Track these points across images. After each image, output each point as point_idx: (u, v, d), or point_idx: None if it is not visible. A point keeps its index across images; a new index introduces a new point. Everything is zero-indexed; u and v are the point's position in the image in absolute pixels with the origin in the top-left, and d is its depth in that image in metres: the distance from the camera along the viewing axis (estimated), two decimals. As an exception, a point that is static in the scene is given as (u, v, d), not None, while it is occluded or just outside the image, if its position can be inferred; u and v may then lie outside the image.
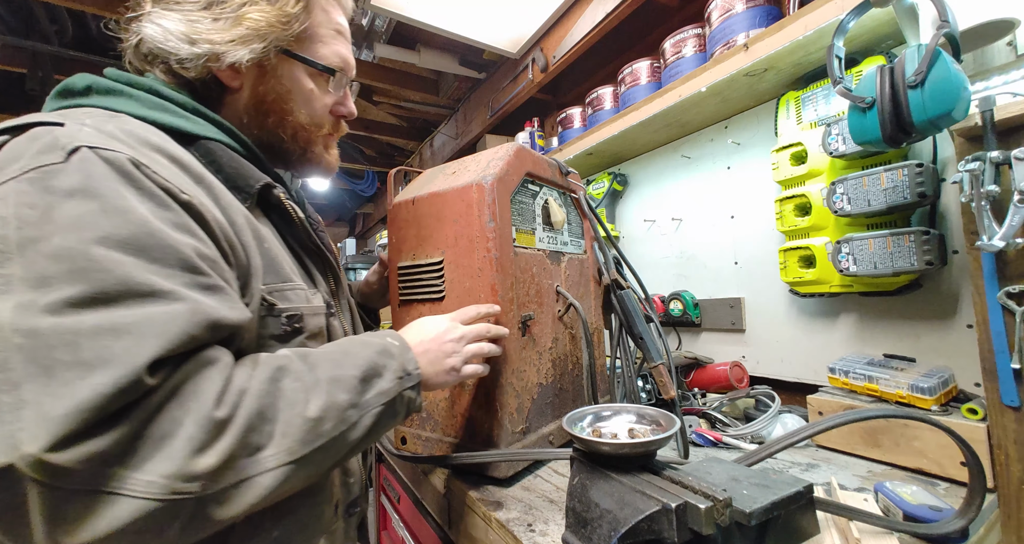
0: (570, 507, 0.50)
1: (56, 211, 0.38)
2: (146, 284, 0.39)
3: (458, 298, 0.78)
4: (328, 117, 0.67)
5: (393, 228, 0.89)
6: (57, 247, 0.37)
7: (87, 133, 0.43)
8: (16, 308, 0.35)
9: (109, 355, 0.36)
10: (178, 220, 0.44)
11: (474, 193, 0.75)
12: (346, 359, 0.52)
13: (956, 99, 0.61)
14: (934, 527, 0.55)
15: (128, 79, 0.54)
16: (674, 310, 1.34)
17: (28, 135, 0.42)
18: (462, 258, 0.77)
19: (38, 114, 0.46)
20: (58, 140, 0.41)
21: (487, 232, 0.74)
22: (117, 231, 0.39)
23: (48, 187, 0.39)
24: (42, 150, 0.40)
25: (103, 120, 0.46)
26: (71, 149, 0.41)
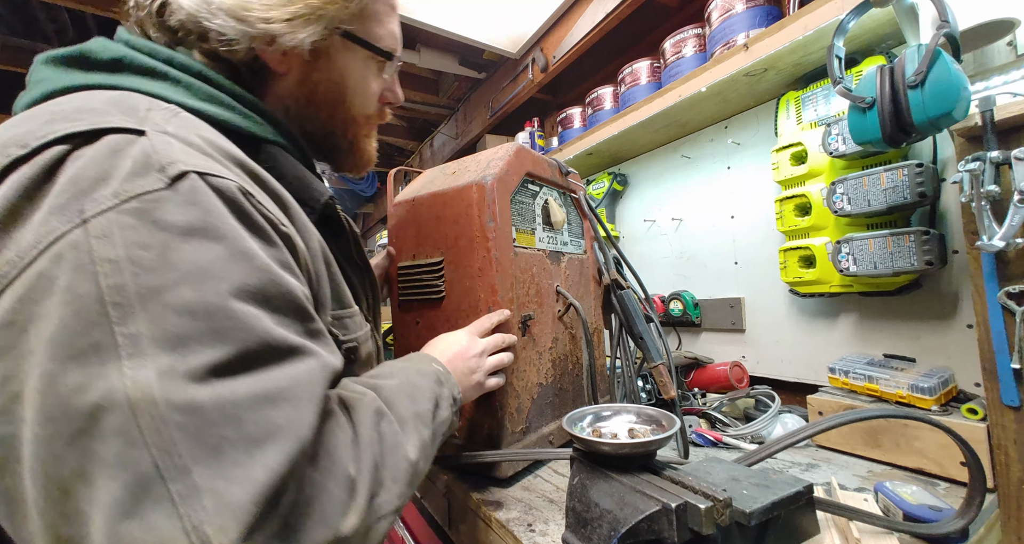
0: (570, 507, 0.50)
1: (176, 254, 0.32)
2: (283, 341, 0.35)
3: (458, 298, 0.78)
4: (377, 105, 0.60)
5: (393, 228, 0.89)
6: (190, 300, 0.32)
7: (180, 149, 0.36)
8: (162, 377, 0.30)
9: (273, 427, 0.32)
10: (283, 258, 0.39)
11: (474, 193, 0.75)
12: (417, 393, 0.51)
13: (956, 99, 0.61)
14: (934, 527, 0.55)
15: (166, 56, 0.45)
16: (674, 310, 1.34)
17: (106, 146, 0.34)
18: (462, 258, 0.77)
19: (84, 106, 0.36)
20: (151, 158, 0.34)
21: (487, 232, 0.74)
22: (248, 280, 0.34)
23: (158, 222, 0.32)
24: (136, 171, 0.33)
25: (175, 122, 0.39)
26: (175, 174, 0.34)
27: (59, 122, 0.34)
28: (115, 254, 0.31)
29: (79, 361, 0.29)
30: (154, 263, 0.32)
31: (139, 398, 0.29)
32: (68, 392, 0.28)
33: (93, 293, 0.30)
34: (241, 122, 0.46)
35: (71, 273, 0.30)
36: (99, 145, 0.34)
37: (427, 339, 0.82)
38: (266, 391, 0.33)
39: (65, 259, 0.30)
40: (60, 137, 0.33)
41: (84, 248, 0.30)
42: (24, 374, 0.29)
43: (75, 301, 0.30)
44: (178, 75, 0.44)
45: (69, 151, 0.33)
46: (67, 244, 0.30)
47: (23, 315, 0.30)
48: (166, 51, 0.45)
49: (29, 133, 0.33)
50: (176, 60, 0.45)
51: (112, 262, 0.31)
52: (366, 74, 0.57)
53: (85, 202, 0.31)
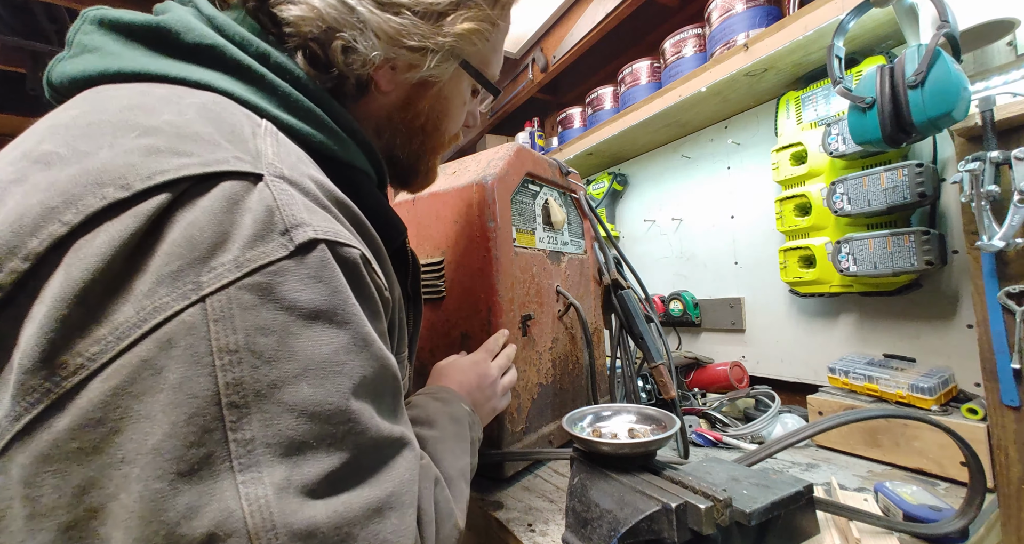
0: (570, 507, 0.50)
1: (297, 342, 0.28)
2: (388, 435, 0.32)
3: (458, 298, 0.78)
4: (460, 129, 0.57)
5: None
6: (309, 400, 0.27)
7: (302, 203, 0.30)
8: (280, 494, 0.25)
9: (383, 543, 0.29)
10: (382, 329, 0.36)
11: (474, 193, 0.75)
12: (458, 445, 0.49)
13: (956, 99, 0.61)
14: (934, 527, 0.55)
15: (261, 51, 0.36)
16: (674, 310, 1.34)
17: (223, 197, 0.27)
18: (462, 258, 0.77)
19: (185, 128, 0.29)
20: (274, 216, 0.28)
21: (487, 232, 0.74)
22: (366, 373, 0.31)
23: (280, 301, 0.27)
24: (258, 234, 0.28)
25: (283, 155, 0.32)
26: (303, 242, 0.29)
27: (165, 156, 0.27)
28: (235, 342, 0.26)
29: (190, 479, 0.24)
30: (274, 352, 0.27)
31: (258, 523, 0.25)
32: (177, 518, 0.24)
33: (211, 393, 0.25)
34: (338, 150, 0.40)
35: (185, 365, 0.25)
36: (215, 195, 0.27)
37: (426, 338, 0.83)
38: (377, 501, 0.30)
39: (177, 346, 0.25)
40: (168, 182, 0.27)
41: (202, 333, 0.25)
42: (114, 487, 0.24)
43: (189, 403, 0.24)
44: (274, 80, 0.36)
45: (177, 197, 0.27)
46: (180, 326, 0.25)
47: (117, 413, 0.24)
48: (259, 44, 0.37)
49: (130, 169, 0.26)
50: (273, 59, 0.37)
51: (232, 353, 0.26)
52: (466, 100, 0.53)
53: (202, 271, 0.26)
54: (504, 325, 0.74)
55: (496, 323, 0.73)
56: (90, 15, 0.35)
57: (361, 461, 0.30)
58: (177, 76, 0.33)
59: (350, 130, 0.42)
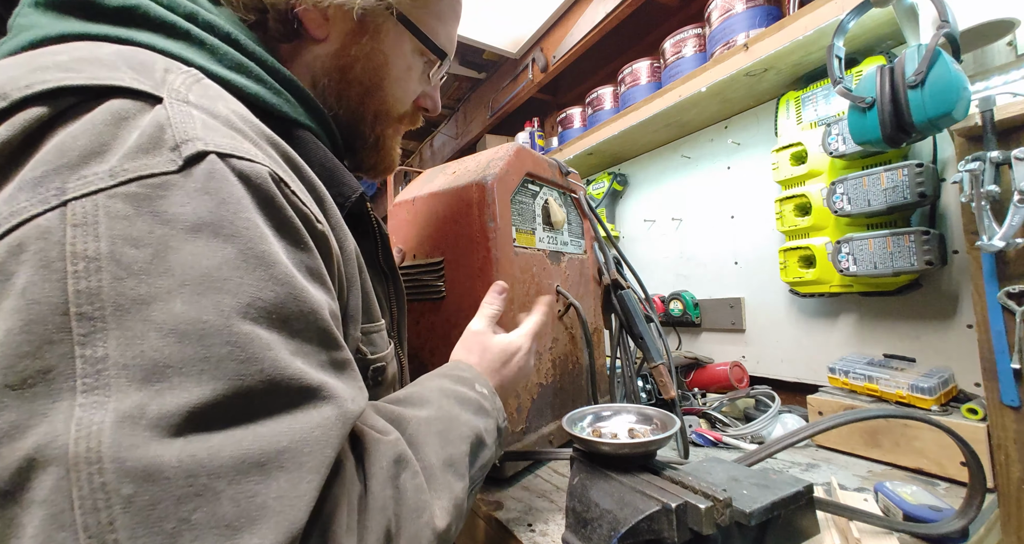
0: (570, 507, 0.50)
1: (175, 255, 0.25)
2: (296, 378, 0.27)
3: (458, 298, 0.78)
4: (412, 106, 0.55)
5: (394, 228, 0.89)
6: (181, 317, 0.24)
7: (202, 124, 0.28)
8: (119, 424, 0.21)
9: (257, 509, 0.23)
10: (313, 265, 0.32)
11: (474, 193, 0.75)
12: (452, 430, 0.41)
13: (956, 99, 0.61)
14: (934, 527, 0.55)
15: (189, 10, 0.36)
16: (674, 310, 1.34)
17: (109, 111, 0.26)
18: (462, 258, 0.77)
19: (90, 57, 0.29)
20: (164, 132, 0.27)
21: (487, 232, 0.74)
22: (262, 294, 0.27)
23: (160, 214, 0.25)
24: (143, 146, 0.26)
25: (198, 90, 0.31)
26: (191, 154, 0.27)
27: (51, 71, 0.27)
28: (95, 249, 0.23)
29: (21, 393, 0.21)
30: (145, 265, 0.24)
31: (80, 453, 0.21)
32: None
33: (56, 299, 0.22)
34: (272, 99, 0.39)
35: (32, 270, 0.22)
36: (101, 108, 0.26)
37: (427, 339, 0.83)
38: (259, 453, 0.24)
39: (28, 250, 0.23)
40: (50, 90, 0.26)
41: (56, 237, 0.23)
42: None
43: (30, 309, 0.22)
44: (201, 34, 0.36)
45: (60, 112, 0.26)
46: (33, 230, 0.23)
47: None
48: (188, 4, 0.37)
49: (9, 81, 0.26)
50: (201, 17, 0.37)
51: (90, 260, 0.23)
52: (411, 66, 0.51)
53: (69, 178, 0.24)
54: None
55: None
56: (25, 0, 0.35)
57: (247, 399, 0.25)
58: (100, 34, 0.33)
59: (289, 85, 0.41)
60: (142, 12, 0.34)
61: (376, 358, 0.44)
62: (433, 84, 0.55)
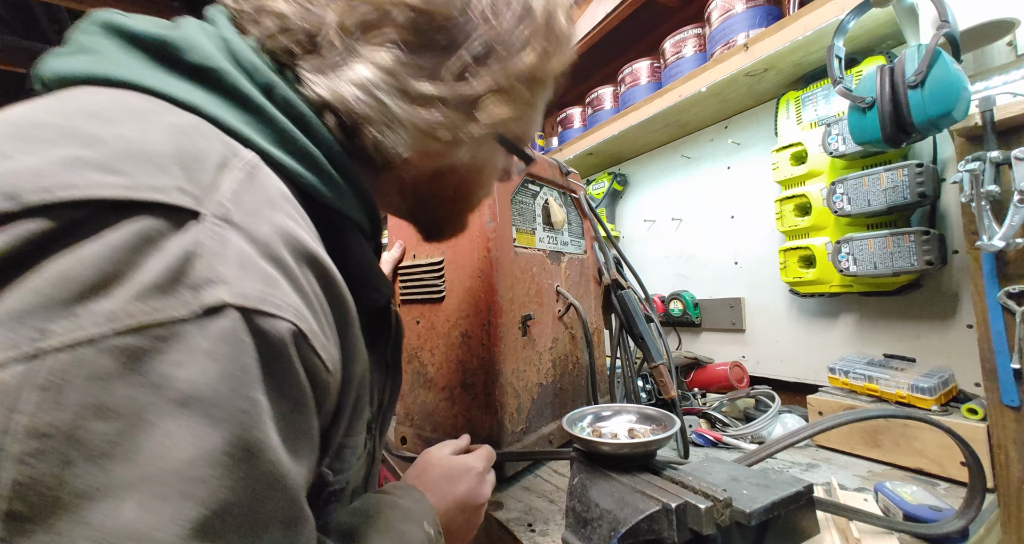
0: (570, 507, 0.50)
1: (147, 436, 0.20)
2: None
3: (458, 298, 0.78)
4: None
5: (393, 227, 0.89)
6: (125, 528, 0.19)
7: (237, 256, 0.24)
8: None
9: None
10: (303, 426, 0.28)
11: None
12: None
13: (956, 99, 0.61)
14: (934, 527, 0.55)
15: (267, 82, 0.33)
16: (674, 310, 1.34)
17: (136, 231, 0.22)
18: (462, 258, 0.77)
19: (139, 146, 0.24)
20: (191, 265, 0.23)
21: (487, 232, 0.74)
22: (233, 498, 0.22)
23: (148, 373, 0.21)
24: (161, 282, 0.22)
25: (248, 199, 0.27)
26: (212, 305, 0.23)
27: (87, 171, 0.22)
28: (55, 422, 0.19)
29: None
30: (106, 445, 0.19)
31: None
32: None
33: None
34: (330, 197, 0.36)
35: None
36: (127, 227, 0.22)
37: (426, 338, 0.83)
38: None
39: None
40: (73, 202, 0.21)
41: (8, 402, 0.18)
42: None
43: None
44: (273, 114, 0.33)
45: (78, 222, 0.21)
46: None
47: None
48: (268, 75, 0.33)
49: (32, 178, 0.21)
50: (277, 93, 0.33)
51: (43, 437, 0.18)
52: (499, 168, 0.50)
53: (56, 317, 0.19)
54: (504, 325, 0.74)
55: (496, 323, 0.73)
56: (97, 17, 0.32)
57: None
58: (165, 92, 0.29)
59: (349, 178, 0.37)
60: (218, 77, 0.31)
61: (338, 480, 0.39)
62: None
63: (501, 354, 0.73)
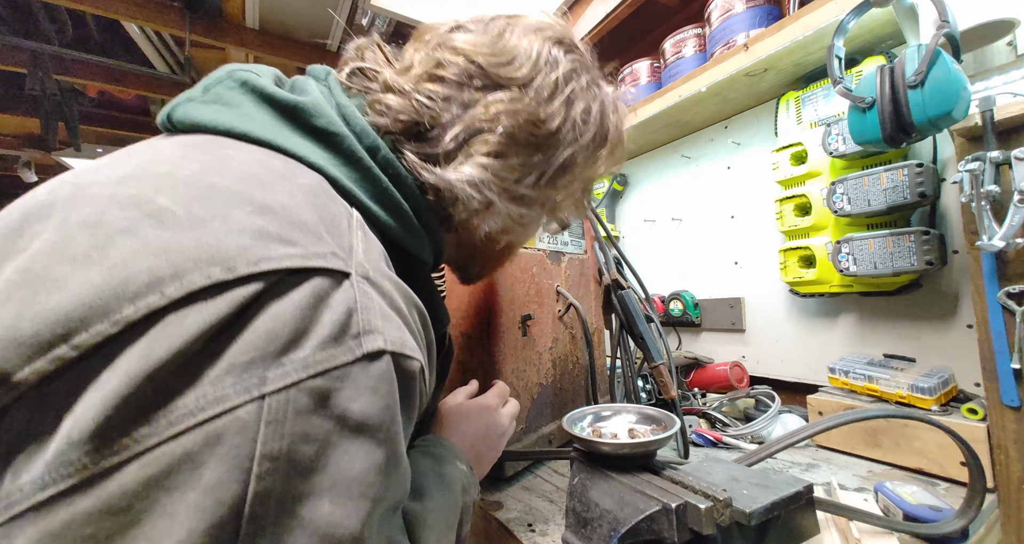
0: (570, 507, 0.50)
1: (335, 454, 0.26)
2: None
3: (458, 298, 0.78)
4: None
5: None
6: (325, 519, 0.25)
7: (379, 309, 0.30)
8: None
9: None
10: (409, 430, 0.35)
11: None
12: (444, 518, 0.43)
13: (956, 99, 0.61)
14: (934, 527, 0.55)
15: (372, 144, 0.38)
16: (674, 310, 1.34)
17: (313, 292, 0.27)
18: None
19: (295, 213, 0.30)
20: (351, 319, 0.28)
21: None
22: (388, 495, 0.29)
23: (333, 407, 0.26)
24: (335, 334, 0.27)
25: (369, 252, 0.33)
26: (372, 351, 0.28)
27: (274, 243, 0.27)
28: (279, 449, 0.24)
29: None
30: (310, 463, 0.25)
31: None
32: None
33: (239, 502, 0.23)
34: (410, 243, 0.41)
35: (224, 467, 0.23)
36: (305, 288, 0.27)
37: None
38: None
39: (224, 444, 0.23)
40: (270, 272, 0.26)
41: (251, 434, 0.23)
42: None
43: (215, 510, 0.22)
44: (377, 175, 0.38)
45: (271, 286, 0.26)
46: (234, 423, 0.23)
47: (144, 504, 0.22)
48: (374, 137, 0.39)
49: (240, 251, 0.26)
50: (381, 154, 0.39)
51: (273, 460, 0.24)
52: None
53: (271, 366, 0.25)
54: (504, 325, 0.74)
55: (496, 323, 0.73)
56: (236, 75, 0.37)
57: None
58: (297, 154, 0.35)
59: (428, 229, 0.43)
60: (339, 141, 0.37)
61: None
62: None
63: (501, 354, 0.73)
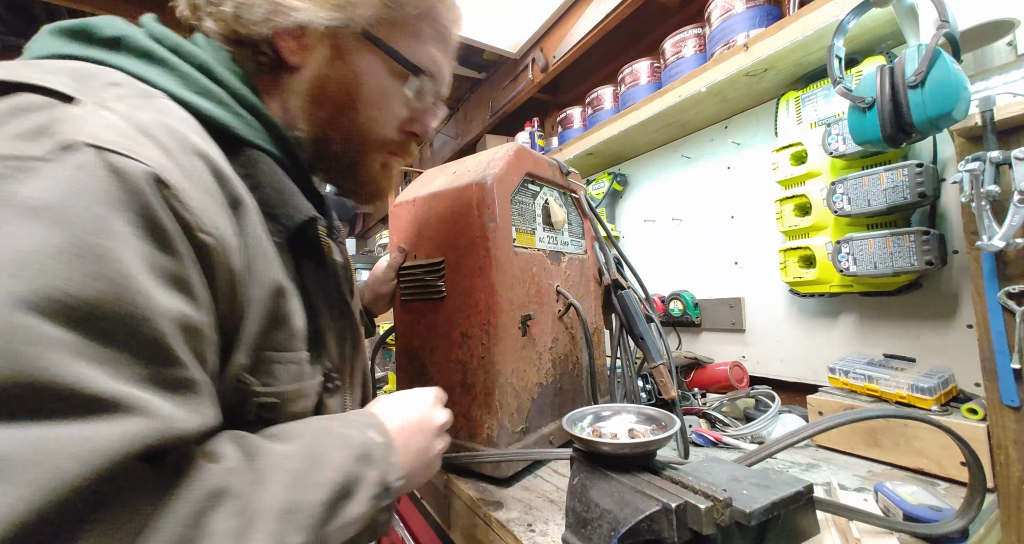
0: (570, 507, 0.50)
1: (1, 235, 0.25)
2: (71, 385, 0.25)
3: (459, 297, 0.78)
4: (396, 132, 0.53)
5: (394, 229, 0.89)
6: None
7: (106, 122, 0.30)
8: None
9: None
10: (175, 270, 0.31)
11: (474, 193, 0.76)
12: (312, 471, 0.36)
13: (956, 99, 0.61)
14: (934, 527, 0.55)
15: (175, 43, 0.41)
16: (674, 310, 1.34)
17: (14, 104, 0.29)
18: (462, 258, 0.77)
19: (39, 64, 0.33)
20: (54, 126, 0.28)
21: (487, 232, 0.74)
22: (70, 288, 0.25)
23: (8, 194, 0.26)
24: (25, 133, 0.28)
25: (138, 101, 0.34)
26: (67, 144, 0.28)
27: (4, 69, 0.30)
28: None
29: None
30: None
31: None
32: None
33: None
34: (230, 120, 0.42)
35: None
36: (9, 99, 0.29)
37: (426, 337, 0.83)
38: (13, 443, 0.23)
39: None
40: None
41: None
42: None
43: None
44: (176, 62, 0.40)
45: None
46: None
47: None
48: (176, 39, 0.42)
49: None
50: (183, 49, 0.41)
51: None
52: (386, 88, 0.50)
53: None
54: (504, 325, 0.74)
55: (496, 323, 0.73)
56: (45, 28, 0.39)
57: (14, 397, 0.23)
58: (88, 56, 0.37)
59: (253, 110, 0.44)
60: (127, 41, 0.39)
61: (266, 392, 0.39)
62: (422, 108, 0.54)
63: (501, 354, 0.73)
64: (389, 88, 0.51)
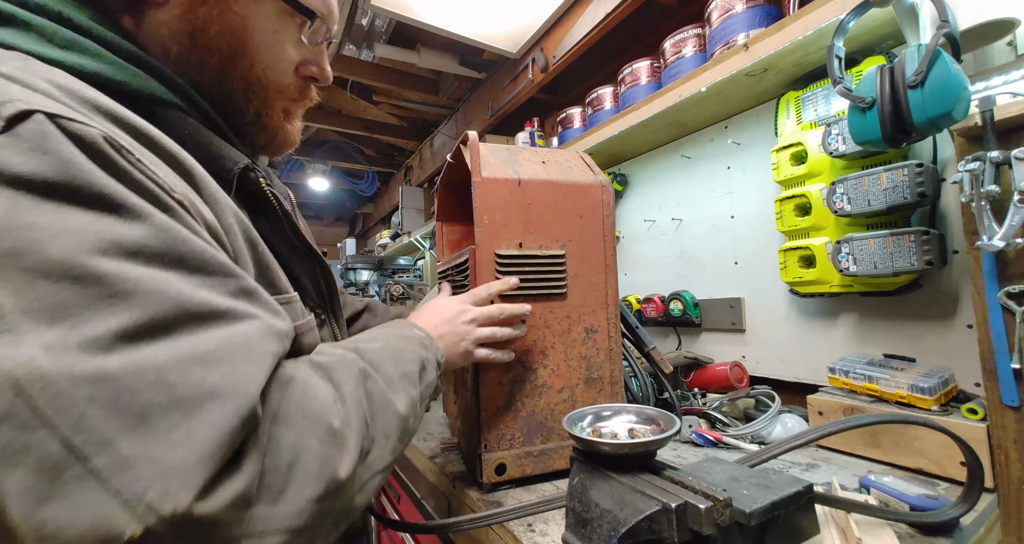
0: (570, 507, 0.50)
1: (31, 213, 0.27)
2: (205, 305, 0.31)
3: (582, 294, 0.79)
4: (293, 77, 0.51)
5: (485, 207, 0.74)
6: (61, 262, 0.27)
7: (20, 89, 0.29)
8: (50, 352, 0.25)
9: (210, 388, 0.29)
10: (185, 223, 0.33)
11: (601, 193, 0.81)
12: (401, 355, 0.50)
13: (956, 99, 0.61)
14: (931, 515, 0.55)
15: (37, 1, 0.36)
16: (674, 310, 1.34)
17: None
18: (587, 253, 0.80)
19: None
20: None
21: (610, 232, 0.80)
22: (144, 241, 0.29)
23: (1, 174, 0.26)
24: None
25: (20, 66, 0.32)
26: (14, 113, 0.27)
27: None
28: None
29: None
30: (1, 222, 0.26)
31: (23, 376, 0.24)
32: None
33: None
34: (116, 75, 0.38)
35: None
36: None
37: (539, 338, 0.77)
38: (195, 354, 0.29)
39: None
40: None
41: None
42: None
43: None
44: (29, 17, 0.35)
45: None
46: None
47: None
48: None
49: None
50: (32, 2, 0.36)
51: None
52: (278, 30, 0.47)
53: None
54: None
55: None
56: None
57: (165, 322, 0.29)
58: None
59: (133, 58, 0.39)
60: None
61: None
62: (315, 50, 0.52)
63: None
64: (280, 30, 0.48)
